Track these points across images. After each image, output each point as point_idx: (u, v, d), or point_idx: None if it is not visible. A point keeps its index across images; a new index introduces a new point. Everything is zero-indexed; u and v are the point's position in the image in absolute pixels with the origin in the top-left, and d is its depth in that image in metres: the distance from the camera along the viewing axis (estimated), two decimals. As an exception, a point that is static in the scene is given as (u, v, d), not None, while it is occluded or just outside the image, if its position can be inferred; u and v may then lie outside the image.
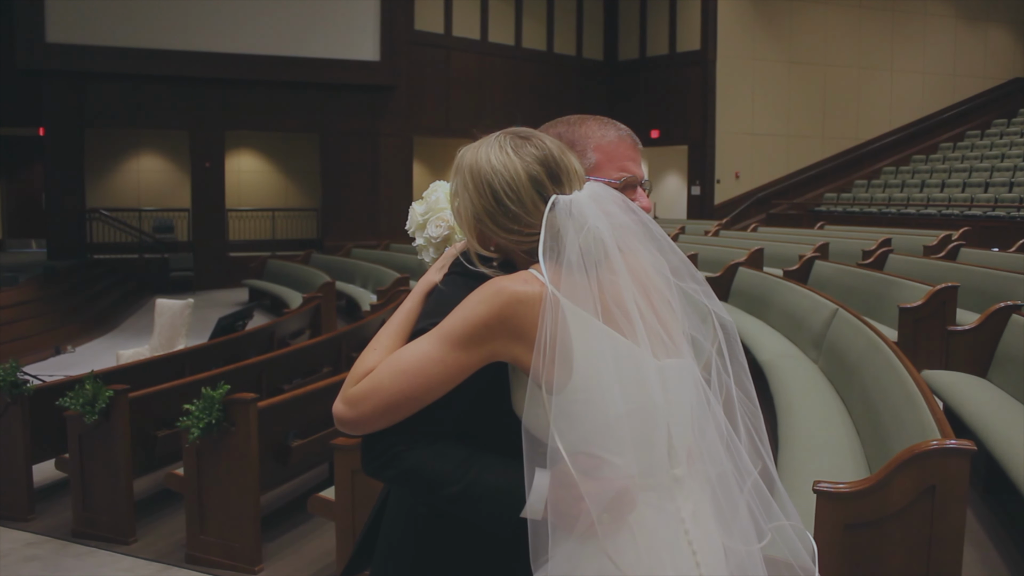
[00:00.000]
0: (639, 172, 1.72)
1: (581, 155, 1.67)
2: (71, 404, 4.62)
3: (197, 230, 17.42)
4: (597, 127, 1.71)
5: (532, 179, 1.51)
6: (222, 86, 16.82)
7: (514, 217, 1.50)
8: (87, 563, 4.45)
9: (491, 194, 1.51)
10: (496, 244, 1.54)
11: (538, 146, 1.55)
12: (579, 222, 1.46)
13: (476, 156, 1.56)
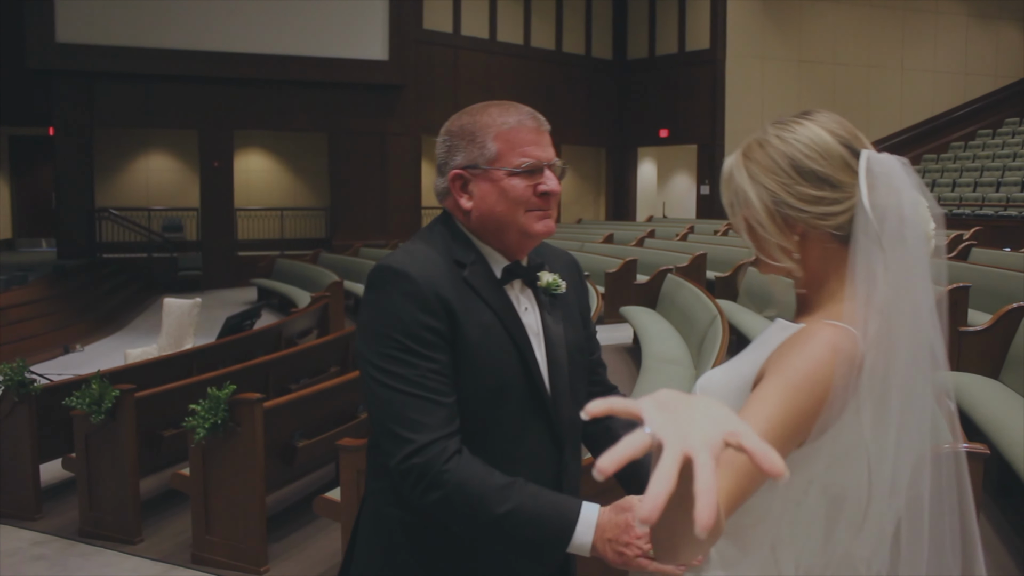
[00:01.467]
0: (543, 155, 1.64)
1: (481, 147, 1.61)
2: (78, 404, 4.61)
3: (206, 229, 17.44)
4: (497, 114, 1.63)
5: (834, 134, 1.35)
6: (231, 86, 16.83)
7: (821, 179, 1.32)
8: (93, 562, 4.44)
9: (788, 164, 1.33)
10: (801, 231, 1.34)
11: (822, 115, 1.39)
12: (890, 183, 1.30)
13: (759, 144, 1.39)
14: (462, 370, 1.56)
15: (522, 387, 1.61)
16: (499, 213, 1.61)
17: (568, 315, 1.75)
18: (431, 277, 1.55)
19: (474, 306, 1.58)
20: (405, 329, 1.52)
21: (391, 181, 18.49)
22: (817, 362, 1.25)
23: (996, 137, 20.38)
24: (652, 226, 17.21)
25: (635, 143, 22.31)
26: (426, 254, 1.60)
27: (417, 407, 1.50)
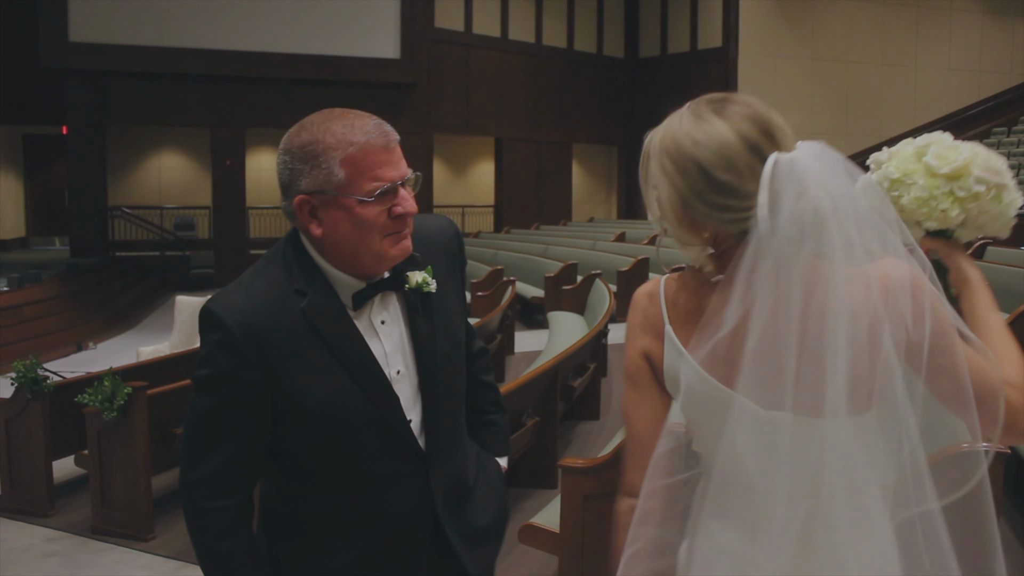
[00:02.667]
0: (396, 174, 1.52)
1: (327, 172, 1.48)
2: (90, 401, 4.61)
3: (218, 228, 17.49)
4: (341, 132, 1.49)
5: (744, 139, 1.30)
6: (243, 84, 16.87)
7: (727, 190, 1.29)
8: (105, 560, 4.44)
9: (697, 170, 1.30)
10: (711, 232, 1.34)
11: (741, 102, 1.34)
12: (799, 186, 1.26)
13: (670, 133, 1.35)
14: (294, 418, 1.54)
15: (371, 421, 1.57)
16: (352, 241, 1.52)
17: (443, 307, 1.68)
18: (251, 322, 1.50)
19: (306, 345, 1.52)
20: (215, 373, 1.51)
21: (402, 179, 18.47)
22: (630, 315, 1.47)
23: (1012, 135, 20.22)
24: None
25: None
26: (255, 290, 1.54)
27: (201, 445, 1.55)
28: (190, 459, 1.57)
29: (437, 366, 1.65)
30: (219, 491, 1.55)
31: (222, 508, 1.55)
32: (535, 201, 20.52)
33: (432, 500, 1.66)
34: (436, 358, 1.65)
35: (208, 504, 1.55)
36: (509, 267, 12.18)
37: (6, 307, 10.96)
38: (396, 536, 1.64)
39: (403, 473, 1.62)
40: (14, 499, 5.26)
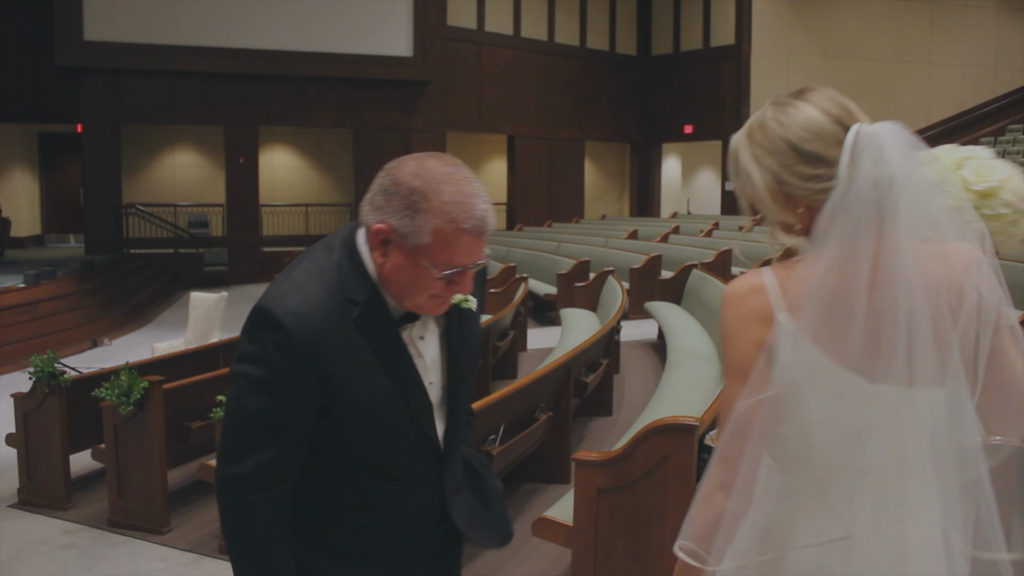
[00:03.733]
0: (470, 260, 1.57)
1: (416, 228, 1.51)
2: (107, 395, 4.65)
3: (231, 225, 17.56)
4: (450, 201, 1.51)
5: (827, 114, 1.43)
6: (256, 82, 16.93)
7: (815, 159, 1.41)
8: (122, 552, 4.48)
9: (786, 146, 1.42)
10: (805, 204, 1.43)
11: (819, 88, 1.47)
12: (877, 154, 1.38)
13: (756, 124, 1.48)
14: (340, 416, 1.60)
15: (406, 427, 1.65)
16: (405, 286, 1.58)
17: (473, 326, 1.77)
18: (309, 328, 1.54)
19: (355, 353, 1.58)
20: (270, 374, 1.55)
21: (415, 177, 18.53)
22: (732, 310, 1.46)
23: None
24: (677, 222, 17.14)
25: (659, 139, 22.21)
26: (312, 295, 1.57)
27: (249, 441, 1.58)
28: (235, 454, 1.59)
29: (461, 379, 1.74)
30: (263, 485, 1.58)
31: (267, 500, 1.59)
32: (547, 199, 20.52)
33: (442, 497, 1.74)
34: (462, 372, 1.74)
35: (252, 497, 1.58)
36: (522, 264, 12.19)
37: (22, 303, 11.04)
38: (410, 527, 1.72)
39: (423, 472, 1.71)
40: (32, 492, 5.32)
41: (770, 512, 1.47)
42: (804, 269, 1.41)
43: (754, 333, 1.43)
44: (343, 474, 1.66)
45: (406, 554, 1.73)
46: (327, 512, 1.68)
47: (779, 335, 1.40)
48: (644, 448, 3.02)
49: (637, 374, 7.95)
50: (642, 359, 8.62)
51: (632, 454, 3.04)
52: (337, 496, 1.68)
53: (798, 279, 1.41)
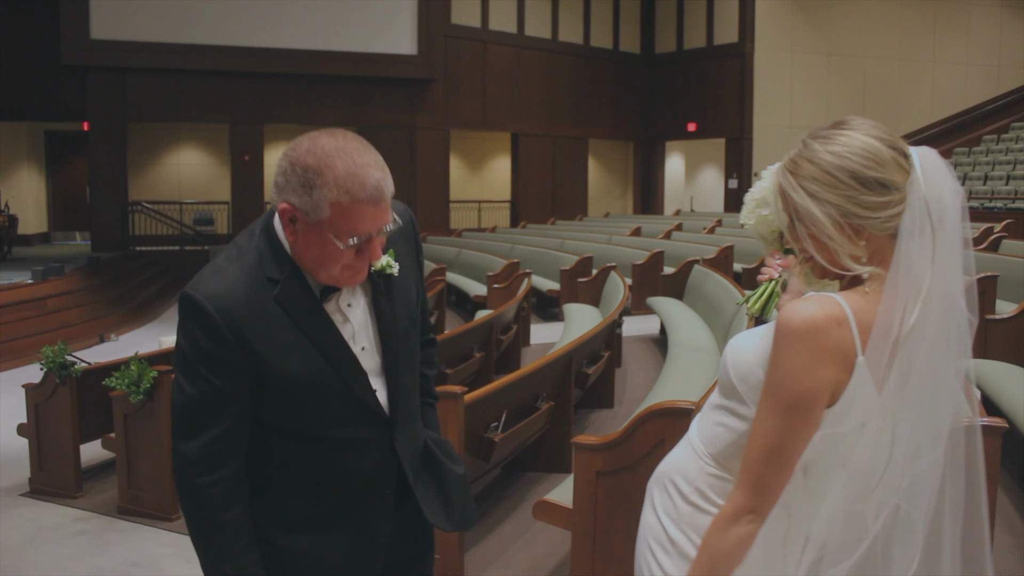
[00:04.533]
0: (373, 227, 1.60)
1: (315, 203, 1.56)
2: (117, 384, 4.74)
3: (237, 223, 17.66)
4: (343, 175, 1.56)
5: (880, 139, 1.44)
6: (261, 80, 17.05)
7: (880, 185, 1.41)
8: (132, 538, 4.58)
9: (849, 176, 1.41)
10: (867, 236, 1.43)
11: (856, 119, 1.47)
12: (932, 179, 1.41)
13: (801, 160, 1.46)
14: (271, 387, 1.65)
15: (339, 391, 1.69)
16: (316, 260, 1.63)
17: (403, 286, 1.80)
18: (228, 307, 1.61)
19: (278, 329, 1.64)
20: (198, 355, 1.62)
21: (420, 175, 18.63)
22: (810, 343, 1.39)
23: (1029, 130, 20.14)
24: (680, 220, 17.20)
25: (663, 137, 22.28)
26: (232, 277, 1.64)
27: (190, 424, 1.64)
28: (182, 439, 1.65)
29: (397, 342, 1.77)
30: (212, 466, 1.64)
31: (218, 480, 1.64)
32: (551, 196, 20.60)
33: (398, 462, 1.78)
34: (396, 335, 1.77)
35: (204, 479, 1.63)
36: (525, 261, 12.27)
37: (31, 299, 11.16)
38: (365, 493, 1.76)
39: (371, 438, 1.75)
40: (44, 481, 5.42)
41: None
42: (875, 301, 1.40)
43: (830, 373, 1.39)
44: (292, 446, 1.72)
45: (367, 521, 1.77)
46: (281, 485, 1.73)
47: (859, 379, 1.39)
48: (642, 431, 3.10)
49: (639, 368, 8.03)
50: (644, 353, 8.70)
51: (630, 437, 3.12)
52: (289, 468, 1.73)
53: (871, 313, 1.39)
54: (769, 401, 1.43)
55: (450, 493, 1.88)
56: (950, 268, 1.39)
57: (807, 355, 1.38)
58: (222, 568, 1.67)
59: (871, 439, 1.42)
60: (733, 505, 1.47)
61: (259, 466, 1.73)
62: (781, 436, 1.42)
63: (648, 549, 1.67)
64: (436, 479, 1.88)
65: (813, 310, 1.39)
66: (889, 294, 1.38)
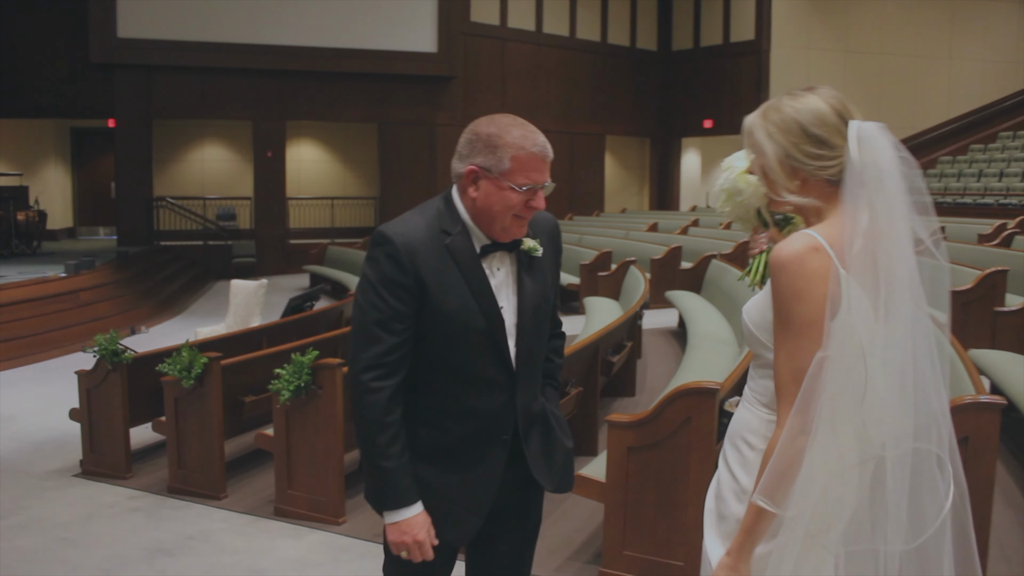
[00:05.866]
0: (541, 179, 2.04)
1: (499, 159, 2.01)
2: (169, 370, 5.02)
3: (259, 218, 17.99)
4: (520, 137, 2.02)
5: (832, 107, 1.79)
6: (284, 78, 17.33)
7: (820, 141, 1.77)
8: (186, 514, 4.85)
9: (799, 128, 1.79)
10: (802, 176, 1.79)
11: (824, 87, 1.83)
12: (873, 146, 1.74)
13: (772, 107, 1.84)
14: (429, 316, 2.04)
15: (482, 332, 2.06)
16: (494, 211, 2.04)
17: (541, 271, 2.18)
18: (411, 243, 2.02)
19: (446, 269, 2.04)
20: (381, 278, 2.02)
21: (439, 171, 18.88)
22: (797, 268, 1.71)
23: (1047, 126, 20.21)
24: (696, 215, 17.39)
25: (679, 133, 22.47)
26: (415, 223, 2.07)
27: (368, 337, 2.03)
28: (361, 350, 2.03)
29: (530, 310, 2.14)
30: (385, 373, 2.02)
31: (387, 387, 2.02)
32: (568, 192, 20.82)
33: (515, 410, 2.13)
34: (530, 304, 2.14)
35: (377, 384, 2.01)
36: (545, 255, 12.49)
37: (65, 292, 11.47)
38: (486, 430, 2.11)
39: (498, 382, 2.11)
40: (95, 463, 5.71)
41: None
42: (838, 230, 1.73)
43: (821, 288, 1.70)
44: (435, 378, 2.08)
45: (483, 461, 2.11)
46: (420, 416, 2.09)
47: (845, 288, 1.70)
48: (670, 410, 3.36)
49: (658, 359, 8.28)
50: (663, 345, 8.95)
51: (659, 416, 3.37)
52: (429, 399, 2.09)
53: (839, 237, 1.72)
54: (781, 329, 1.74)
55: (555, 458, 2.22)
56: (895, 220, 1.71)
57: (799, 279, 1.70)
58: (383, 465, 2.03)
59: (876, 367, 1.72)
60: (782, 428, 1.74)
61: (411, 390, 2.08)
62: (800, 355, 1.71)
63: (721, 500, 1.93)
64: (547, 443, 2.20)
65: (794, 244, 1.73)
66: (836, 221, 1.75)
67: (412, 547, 2.05)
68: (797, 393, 1.71)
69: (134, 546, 4.42)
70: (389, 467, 2.03)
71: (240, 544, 4.39)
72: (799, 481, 1.73)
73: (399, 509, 2.05)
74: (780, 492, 1.73)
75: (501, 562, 2.28)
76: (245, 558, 4.21)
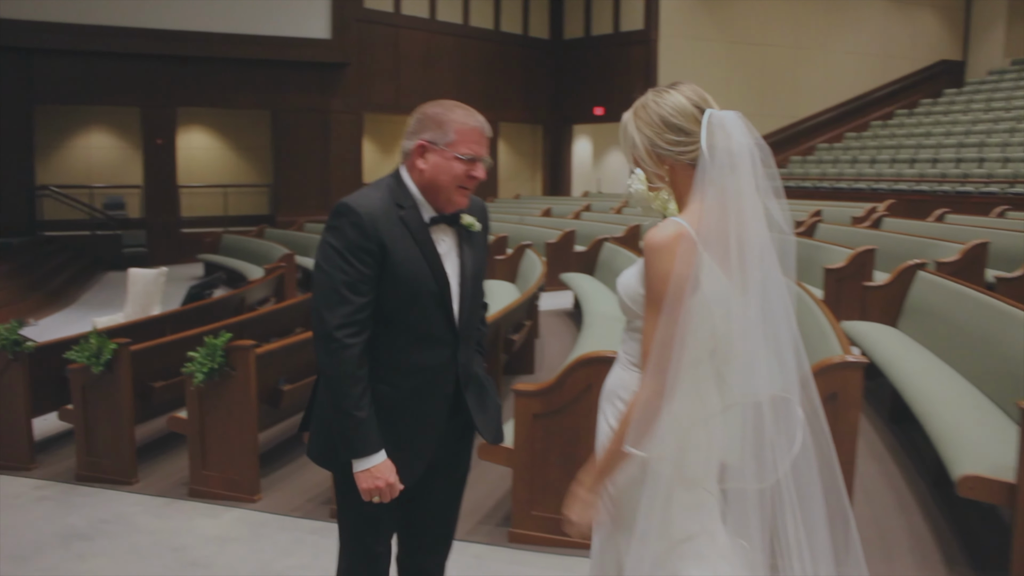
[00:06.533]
0: (481, 152, 2.35)
1: (445, 133, 2.32)
2: (78, 357, 5.04)
3: (149, 207, 17.61)
4: (462, 114, 2.34)
5: (690, 100, 2.05)
6: (174, 63, 16.98)
7: (679, 129, 2.03)
8: (97, 500, 4.89)
9: (660, 120, 2.05)
10: (668, 163, 2.05)
11: (684, 86, 2.08)
12: (726, 132, 1.99)
13: (640, 104, 2.09)
14: (388, 279, 2.28)
15: (432, 294, 2.34)
16: (440, 181, 2.33)
17: (478, 245, 2.48)
18: (373, 213, 2.27)
19: (402, 237, 2.29)
20: (347, 245, 2.25)
21: (333, 158, 18.83)
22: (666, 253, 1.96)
23: (912, 117, 21.48)
24: (588, 201, 17.86)
25: (571, 121, 22.94)
26: (373, 196, 2.31)
27: (338, 299, 2.24)
28: (329, 311, 2.25)
29: (470, 278, 2.44)
30: (356, 331, 2.26)
31: (358, 343, 2.27)
32: (464, 179, 21.00)
33: (457, 366, 2.41)
34: (470, 273, 2.44)
35: (351, 340, 2.25)
36: (443, 241, 12.69)
37: (-54, 284, 11.08)
38: (432, 383, 2.39)
39: (444, 339, 2.39)
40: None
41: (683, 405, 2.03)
42: (695, 214, 1.99)
43: (686, 268, 1.95)
44: (384, 335, 2.32)
45: (428, 412, 2.37)
46: (376, 373, 2.32)
47: (704, 265, 1.97)
48: (572, 378, 3.64)
49: (555, 338, 8.62)
50: (558, 325, 9.29)
51: (563, 384, 3.65)
52: (384, 356, 2.33)
53: (696, 220, 1.98)
54: (650, 302, 2.00)
55: (489, 412, 2.52)
56: (745, 198, 1.97)
57: (668, 261, 1.96)
58: (356, 415, 2.25)
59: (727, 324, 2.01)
60: (643, 388, 2.02)
61: (369, 347, 2.30)
62: (665, 325, 1.97)
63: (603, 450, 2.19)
64: (481, 399, 2.49)
65: (664, 231, 1.98)
66: (697, 206, 1.99)
67: (384, 490, 2.29)
68: (659, 357, 1.98)
69: (47, 533, 4.44)
70: (362, 417, 2.25)
71: (157, 525, 4.48)
72: (662, 430, 2.00)
73: (371, 456, 2.28)
74: (644, 439, 2.01)
75: (433, 508, 2.54)
76: (164, 537, 4.31)
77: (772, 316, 2.02)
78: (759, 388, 2.03)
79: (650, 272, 1.99)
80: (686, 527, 2.07)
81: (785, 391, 2.03)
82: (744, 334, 2.02)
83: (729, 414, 2.08)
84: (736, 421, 2.08)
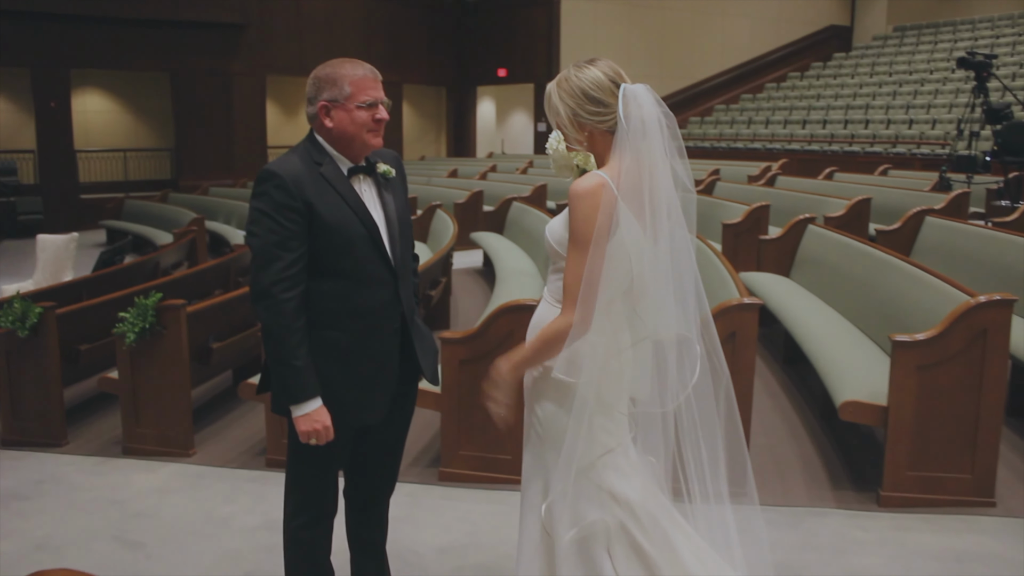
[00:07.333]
0: (379, 96, 2.55)
1: (340, 88, 2.49)
2: (2, 322, 5.07)
3: (44, 172, 17.09)
4: (351, 68, 2.52)
5: (607, 76, 2.33)
6: (66, 22, 16.43)
7: (598, 101, 2.32)
8: (28, 463, 4.94)
9: (581, 92, 2.33)
10: (588, 129, 2.34)
11: (601, 62, 2.36)
12: (638, 103, 2.29)
13: (562, 78, 2.36)
14: (320, 231, 2.46)
15: (363, 237, 2.52)
16: (350, 132, 2.51)
17: (396, 191, 2.68)
18: (294, 174, 2.45)
19: (325, 191, 2.48)
20: (274, 206, 2.43)
21: (236, 121, 18.57)
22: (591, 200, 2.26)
23: (804, 79, 22.35)
24: (493, 162, 18.08)
25: (475, 82, 23.06)
26: (293, 159, 2.50)
27: (271, 256, 2.42)
28: (263, 269, 2.43)
29: (395, 221, 2.64)
30: (289, 285, 2.44)
31: (293, 297, 2.45)
32: (370, 142, 20.95)
33: (400, 302, 2.61)
34: (394, 216, 2.64)
35: (286, 294, 2.42)
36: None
37: None
38: (378, 321, 2.58)
39: (383, 279, 2.58)
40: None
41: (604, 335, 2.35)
42: (615, 171, 2.29)
43: (606, 216, 2.26)
44: (332, 285, 2.50)
45: (380, 351, 2.57)
46: (324, 321, 2.50)
47: (622, 213, 2.28)
48: (495, 326, 3.93)
49: (467, 295, 8.91)
50: (470, 284, 9.58)
51: (486, 331, 3.94)
52: (329, 303, 2.50)
53: (616, 176, 2.28)
54: (573, 244, 2.30)
55: (428, 354, 2.74)
56: (655, 159, 2.27)
57: (590, 208, 2.25)
58: (294, 364, 2.43)
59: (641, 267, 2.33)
60: (560, 316, 2.34)
61: (311, 305, 2.48)
62: (587, 265, 2.27)
63: (532, 380, 2.48)
64: (422, 341, 2.71)
65: (588, 181, 2.27)
66: (615, 164, 2.29)
67: (322, 432, 2.48)
68: (587, 290, 2.28)
69: (-19, 494, 4.51)
70: (299, 366, 2.43)
71: (95, 481, 4.60)
72: (585, 360, 2.32)
73: (308, 401, 2.47)
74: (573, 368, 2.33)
75: (382, 445, 2.78)
76: (104, 492, 4.44)
77: (678, 264, 2.36)
78: (667, 327, 2.36)
79: (575, 215, 2.28)
80: (605, 443, 2.39)
81: (687, 331, 2.37)
82: (655, 279, 2.34)
83: (638, 348, 2.40)
84: (644, 354, 2.40)
